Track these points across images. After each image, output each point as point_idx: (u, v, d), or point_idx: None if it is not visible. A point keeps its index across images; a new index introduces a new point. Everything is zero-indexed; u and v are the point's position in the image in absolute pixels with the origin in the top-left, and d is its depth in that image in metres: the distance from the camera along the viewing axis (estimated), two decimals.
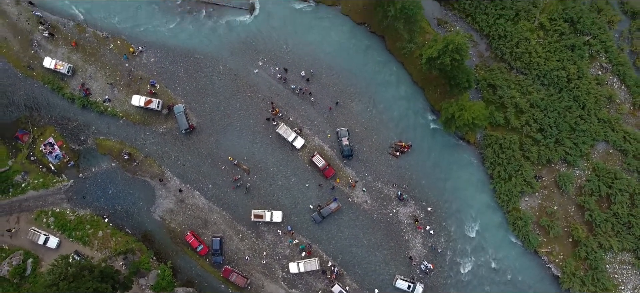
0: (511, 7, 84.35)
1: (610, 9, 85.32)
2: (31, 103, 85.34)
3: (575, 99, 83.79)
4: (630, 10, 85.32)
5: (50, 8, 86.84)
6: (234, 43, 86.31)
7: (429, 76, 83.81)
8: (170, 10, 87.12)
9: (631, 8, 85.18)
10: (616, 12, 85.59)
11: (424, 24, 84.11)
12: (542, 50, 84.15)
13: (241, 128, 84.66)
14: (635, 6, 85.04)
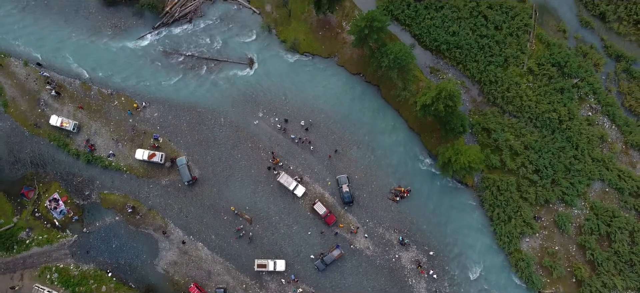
0: (500, 54, 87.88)
1: (595, 53, 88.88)
2: (37, 160, 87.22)
3: (568, 139, 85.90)
4: (614, 53, 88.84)
5: (57, 68, 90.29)
6: (234, 96, 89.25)
7: (424, 122, 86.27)
8: (173, 66, 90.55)
9: (615, 51, 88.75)
10: (601, 56, 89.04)
11: (417, 72, 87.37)
12: (532, 94, 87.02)
13: (243, 178, 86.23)
14: (619, 49, 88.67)
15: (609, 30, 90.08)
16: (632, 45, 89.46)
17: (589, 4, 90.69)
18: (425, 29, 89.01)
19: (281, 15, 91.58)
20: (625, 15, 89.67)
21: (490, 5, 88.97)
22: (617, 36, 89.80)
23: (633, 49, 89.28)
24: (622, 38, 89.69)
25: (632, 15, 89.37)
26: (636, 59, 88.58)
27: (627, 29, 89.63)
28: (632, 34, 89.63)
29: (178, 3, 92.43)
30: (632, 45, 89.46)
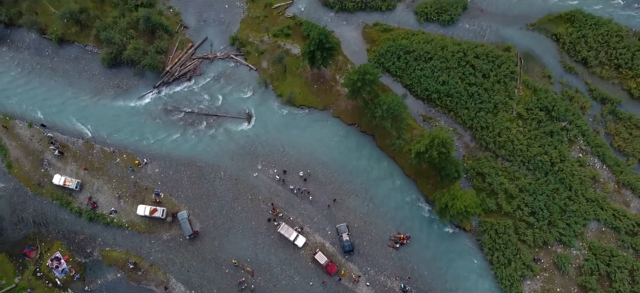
0: (489, 101, 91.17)
1: (580, 97, 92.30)
2: (40, 219, 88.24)
3: (561, 181, 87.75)
4: (598, 96, 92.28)
5: (61, 128, 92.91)
6: (233, 150, 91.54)
7: (419, 169, 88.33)
8: (173, 123, 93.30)
9: (599, 94, 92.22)
10: (586, 99, 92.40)
11: (410, 121, 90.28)
12: (523, 138, 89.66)
13: (244, 230, 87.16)
14: (603, 92, 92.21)
15: (592, 75, 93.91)
16: (615, 87, 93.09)
17: (570, 50, 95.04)
18: (415, 79, 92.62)
19: (277, 71, 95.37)
20: (606, 60, 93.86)
21: (476, 55, 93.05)
22: (600, 80, 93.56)
23: (616, 92, 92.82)
24: (605, 81, 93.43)
25: (612, 59, 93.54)
26: (620, 101, 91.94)
27: (609, 72, 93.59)
28: (614, 78, 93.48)
29: (178, 62, 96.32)
30: (615, 87, 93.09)
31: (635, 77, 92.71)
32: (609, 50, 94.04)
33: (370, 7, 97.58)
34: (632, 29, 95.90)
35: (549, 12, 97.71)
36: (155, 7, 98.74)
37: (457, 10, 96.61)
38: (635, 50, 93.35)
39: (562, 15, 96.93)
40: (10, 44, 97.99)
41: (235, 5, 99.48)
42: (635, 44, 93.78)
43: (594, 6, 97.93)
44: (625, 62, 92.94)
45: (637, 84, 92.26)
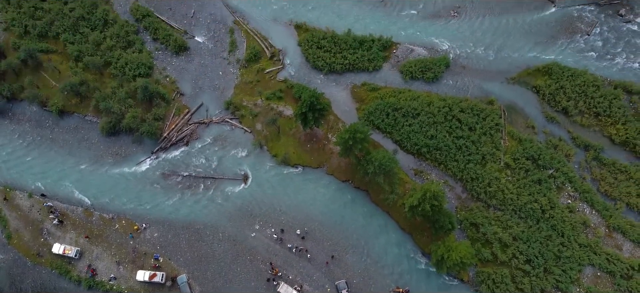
0: (477, 152, 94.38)
1: (564, 145, 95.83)
2: (39, 289, 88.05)
3: (553, 228, 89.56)
4: (581, 143, 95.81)
5: (60, 197, 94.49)
6: (231, 211, 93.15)
7: (414, 222, 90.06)
8: (171, 187, 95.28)
9: (582, 142, 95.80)
10: (570, 147, 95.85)
11: (402, 176, 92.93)
12: (513, 187, 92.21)
13: (243, 291, 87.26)
14: (585, 140, 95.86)
15: (573, 123, 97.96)
16: (597, 134, 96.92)
17: (551, 101, 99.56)
18: (405, 135, 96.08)
19: (271, 132, 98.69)
20: (585, 108, 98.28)
21: (461, 109, 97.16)
22: (582, 128, 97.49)
23: (598, 138, 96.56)
24: (587, 129, 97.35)
25: (591, 108, 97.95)
26: (603, 147, 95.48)
27: (589, 120, 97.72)
28: (595, 125, 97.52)
29: (175, 128, 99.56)
30: (596, 134, 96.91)
31: (615, 123, 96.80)
32: (587, 99, 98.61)
33: (357, 68, 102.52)
34: (606, 78, 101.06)
35: (527, 66, 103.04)
36: (152, 76, 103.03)
37: (441, 68, 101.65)
38: (611, 98, 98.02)
39: (540, 68, 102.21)
40: (12, 116, 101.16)
41: (229, 72, 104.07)
42: (611, 92, 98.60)
43: (569, 59, 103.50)
44: (603, 110, 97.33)
45: (617, 130, 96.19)
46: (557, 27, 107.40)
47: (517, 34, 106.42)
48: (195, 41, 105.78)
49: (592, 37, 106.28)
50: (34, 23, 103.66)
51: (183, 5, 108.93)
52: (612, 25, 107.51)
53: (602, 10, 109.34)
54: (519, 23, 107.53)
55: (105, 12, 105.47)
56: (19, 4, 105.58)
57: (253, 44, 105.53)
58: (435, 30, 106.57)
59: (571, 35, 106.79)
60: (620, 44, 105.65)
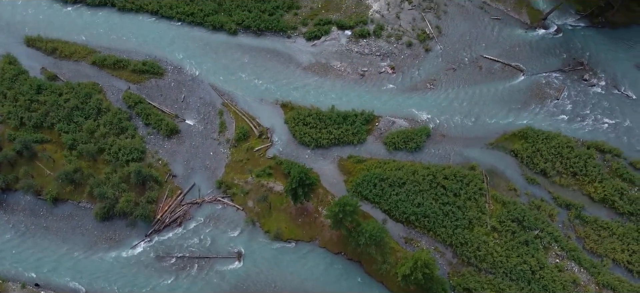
0: (464, 217, 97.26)
1: (546, 205, 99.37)
2: None
3: (544, 288, 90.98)
4: (563, 203, 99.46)
5: (54, 286, 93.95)
6: (226, 290, 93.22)
7: (408, 291, 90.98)
8: (166, 269, 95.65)
9: (563, 201, 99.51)
10: (552, 207, 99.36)
11: (393, 244, 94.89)
12: (501, 250, 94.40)
13: None
14: (566, 199, 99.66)
15: (552, 184, 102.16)
16: (576, 193, 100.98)
17: (529, 163, 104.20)
18: (393, 204, 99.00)
19: (262, 209, 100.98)
20: (562, 169, 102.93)
21: (445, 176, 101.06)
22: (561, 188, 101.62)
23: (578, 197, 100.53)
24: (566, 189, 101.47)
25: (568, 168, 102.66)
26: (584, 206, 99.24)
27: (567, 180, 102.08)
28: (573, 184, 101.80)
29: (168, 210, 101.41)
30: (576, 194, 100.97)
31: (592, 182, 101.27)
32: (563, 160, 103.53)
33: (343, 142, 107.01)
34: (579, 139, 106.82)
35: (504, 131, 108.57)
36: (145, 160, 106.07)
37: (422, 138, 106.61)
38: (586, 158, 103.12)
39: (516, 133, 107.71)
40: (6, 207, 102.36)
41: (220, 152, 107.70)
42: (584, 152, 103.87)
43: (542, 123, 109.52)
44: (580, 169, 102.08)
45: (595, 188, 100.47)
46: (528, 94, 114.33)
47: (491, 102, 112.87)
48: (186, 124, 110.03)
49: (561, 101, 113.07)
50: (30, 115, 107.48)
51: (174, 91, 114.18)
52: (579, 90, 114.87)
53: (568, 76, 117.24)
54: (492, 92, 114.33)
55: (98, 101, 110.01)
56: (15, 98, 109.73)
57: (242, 123, 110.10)
58: (414, 102, 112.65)
59: (542, 100, 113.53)
60: (588, 106, 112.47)
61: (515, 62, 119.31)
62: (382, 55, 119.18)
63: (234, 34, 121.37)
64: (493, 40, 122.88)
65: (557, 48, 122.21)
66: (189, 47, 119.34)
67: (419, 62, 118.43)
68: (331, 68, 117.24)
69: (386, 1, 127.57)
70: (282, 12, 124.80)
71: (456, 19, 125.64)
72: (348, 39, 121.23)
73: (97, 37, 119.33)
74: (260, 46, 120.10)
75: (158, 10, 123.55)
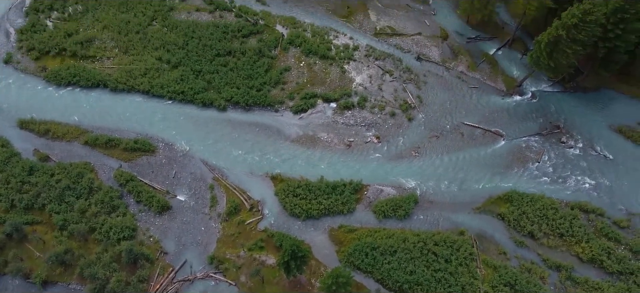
0: (456, 284, 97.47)
1: (537, 267, 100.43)
2: None
3: None
4: (552, 264, 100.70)
5: None
6: None
7: None
8: None
9: (553, 263, 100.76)
10: (543, 269, 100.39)
11: None
12: None
13: None
14: (555, 261, 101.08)
15: (541, 246, 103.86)
16: (565, 254, 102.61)
17: (516, 226, 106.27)
18: (385, 273, 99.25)
19: (255, 283, 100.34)
20: (549, 231, 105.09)
21: (435, 242, 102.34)
22: (549, 249, 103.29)
23: (567, 258, 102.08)
24: (554, 250, 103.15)
25: (554, 230, 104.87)
26: (573, 266, 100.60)
27: (555, 241, 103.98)
28: (561, 246, 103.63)
29: (160, 288, 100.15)
30: (564, 254, 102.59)
31: (579, 242, 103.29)
32: (548, 222, 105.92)
33: (333, 212, 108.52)
34: (562, 200, 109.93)
35: (490, 195, 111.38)
36: (136, 238, 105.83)
37: (410, 205, 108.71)
38: (571, 219, 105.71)
39: (501, 196, 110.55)
40: None
41: (211, 227, 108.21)
42: (569, 213, 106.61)
43: (525, 185, 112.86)
44: (566, 230, 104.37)
45: (582, 249, 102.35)
46: (510, 158, 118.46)
47: (475, 167, 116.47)
48: (177, 200, 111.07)
49: (542, 164, 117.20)
50: (21, 197, 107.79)
51: (165, 167, 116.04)
52: (558, 152, 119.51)
53: (546, 139, 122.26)
54: (475, 157, 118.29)
55: (90, 180, 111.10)
56: (7, 180, 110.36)
57: (232, 197, 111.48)
58: (400, 170, 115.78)
59: (524, 163, 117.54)
60: (568, 167, 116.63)
61: (495, 127, 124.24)
62: (367, 125, 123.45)
63: (224, 110, 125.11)
64: (472, 108, 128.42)
65: (534, 113, 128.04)
66: (179, 124, 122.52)
67: (403, 131, 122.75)
68: (318, 139, 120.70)
69: (368, 74, 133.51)
70: (269, 87, 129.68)
71: (436, 88, 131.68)
72: (333, 111, 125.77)
73: (89, 118, 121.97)
74: (249, 121, 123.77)
75: (149, 89, 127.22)
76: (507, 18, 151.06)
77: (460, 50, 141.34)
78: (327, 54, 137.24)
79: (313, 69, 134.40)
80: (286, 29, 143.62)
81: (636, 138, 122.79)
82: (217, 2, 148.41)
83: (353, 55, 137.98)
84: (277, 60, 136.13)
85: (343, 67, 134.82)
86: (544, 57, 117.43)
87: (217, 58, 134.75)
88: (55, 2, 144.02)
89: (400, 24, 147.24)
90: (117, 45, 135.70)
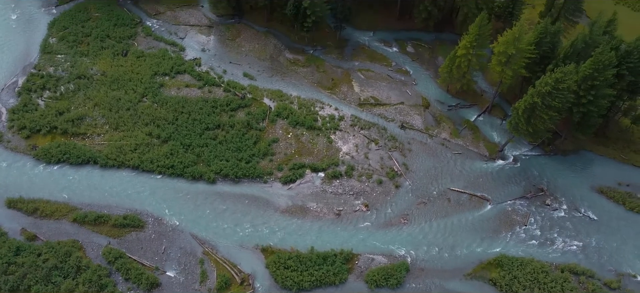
0: None
1: None
2: None
3: None
4: None
5: None
6: None
7: None
8: None
9: None
10: None
11: None
12: None
13: None
14: None
15: None
16: None
17: (509, 291, 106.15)
18: None
19: None
20: None
21: None
22: None
23: None
24: None
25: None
26: None
27: None
28: None
29: None
30: None
31: None
32: (540, 285, 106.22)
33: (325, 283, 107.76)
34: (552, 263, 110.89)
35: (480, 260, 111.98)
36: None
37: (402, 273, 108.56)
38: (562, 281, 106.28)
39: (491, 261, 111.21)
40: None
41: None
42: (559, 276, 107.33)
43: (514, 250, 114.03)
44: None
45: None
46: (497, 222, 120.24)
47: (464, 232, 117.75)
48: (166, 276, 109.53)
49: (529, 227, 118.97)
50: (6, 278, 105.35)
51: (154, 243, 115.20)
52: (543, 214, 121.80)
53: (531, 202, 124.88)
54: (463, 222, 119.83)
55: (78, 259, 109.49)
56: None
57: (223, 271, 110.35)
58: (390, 238, 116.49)
59: (511, 227, 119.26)
60: (554, 230, 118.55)
61: (480, 192, 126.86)
62: (356, 194, 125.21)
63: (213, 182, 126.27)
64: (457, 173, 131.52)
65: (517, 176, 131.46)
66: (169, 198, 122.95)
67: (391, 199, 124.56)
68: (308, 209, 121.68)
69: (354, 143, 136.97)
70: (258, 159, 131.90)
71: (421, 155, 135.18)
72: (322, 181, 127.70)
73: (78, 195, 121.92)
74: (238, 193, 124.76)
75: (139, 164, 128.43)
76: (485, 86, 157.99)
77: (442, 118, 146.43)
78: (313, 125, 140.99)
79: (300, 140, 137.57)
80: (273, 102, 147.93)
81: (618, 198, 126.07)
82: (206, 78, 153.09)
83: (339, 125, 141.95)
84: (265, 132, 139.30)
85: (330, 137, 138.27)
86: (523, 123, 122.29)
87: (207, 132, 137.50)
88: (48, 82, 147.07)
89: (383, 94, 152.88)
90: (108, 122, 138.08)
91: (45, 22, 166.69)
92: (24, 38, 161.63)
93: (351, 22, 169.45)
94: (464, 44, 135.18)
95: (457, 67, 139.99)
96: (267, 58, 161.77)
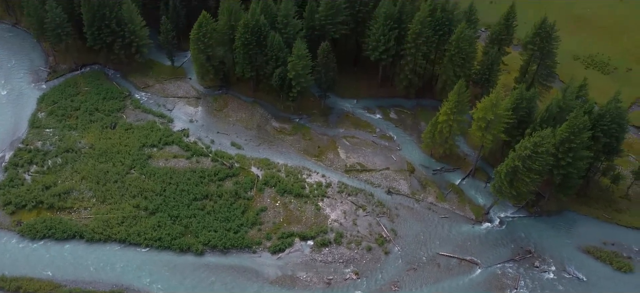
0: None
1: None
2: None
3: None
4: None
5: None
6: None
7: None
8: None
9: None
10: None
11: None
12: None
13: None
14: None
15: None
16: None
17: None
18: None
19: None
20: None
21: None
22: None
23: None
24: None
25: None
26: None
27: None
28: None
29: None
30: None
31: None
32: None
33: None
34: None
35: None
36: None
37: None
38: None
39: None
40: None
41: None
42: None
43: None
44: None
45: None
46: (488, 286, 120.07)
47: None
48: None
49: (520, 290, 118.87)
50: None
51: None
52: (533, 277, 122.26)
53: (520, 264, 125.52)
54: (454, 287, 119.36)
55: None
56: None
57: None
58: None
59: (502, 291, 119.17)
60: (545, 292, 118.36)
61: (469, 255, 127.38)
62: (345, 261, 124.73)
63: (201, 254, 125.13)
64: (445, 237, 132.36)
65: (504, 239, 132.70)
66: (155, 271, 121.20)
67: (381, 265, 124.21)
68: (298, 279, 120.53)
69: (342, 210, 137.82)
70: (246, 229, 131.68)
71: (408, 220, 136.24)
72: (311, 249, 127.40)
73: (63, 271, 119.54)
74: (226, 264, 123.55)
75: (126, 238, 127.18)
76: (467, 149, 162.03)
77: (427, 182, 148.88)
78: (301, 193, 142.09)
79: (289, 208, 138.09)
80: (261, 171, 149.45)
81: (604, 258, 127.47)
82: (194, 149, 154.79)
83: (326, 192, 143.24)
84: (253, 201, 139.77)
85: (318, 205, 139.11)
86: (506, 186, 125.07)
87: (194, 202, 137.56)
88: (35, 157, 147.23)
89: (369, 160, 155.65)
90: (95, 195, 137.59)
91: (35, 97, 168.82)
92: (13, 113, 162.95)
93: (335, 90, 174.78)
94: (444, 110, 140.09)
95: (439, 132, 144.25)
96: (254, 127, 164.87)
